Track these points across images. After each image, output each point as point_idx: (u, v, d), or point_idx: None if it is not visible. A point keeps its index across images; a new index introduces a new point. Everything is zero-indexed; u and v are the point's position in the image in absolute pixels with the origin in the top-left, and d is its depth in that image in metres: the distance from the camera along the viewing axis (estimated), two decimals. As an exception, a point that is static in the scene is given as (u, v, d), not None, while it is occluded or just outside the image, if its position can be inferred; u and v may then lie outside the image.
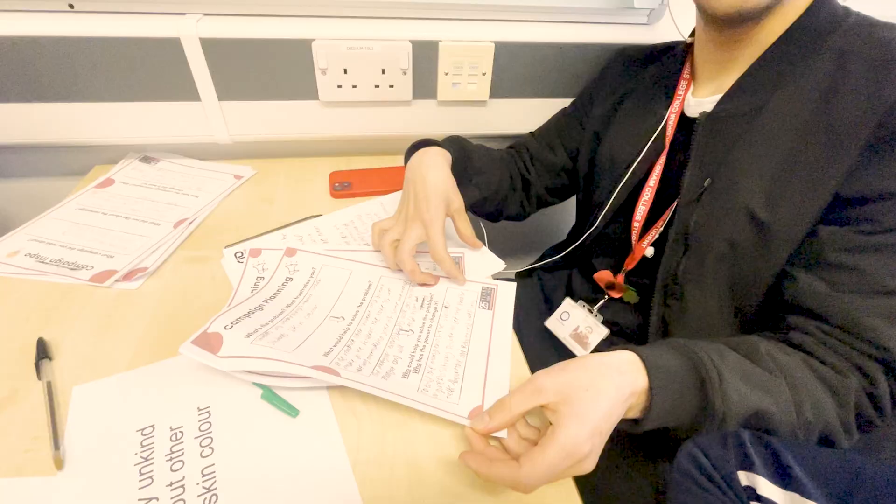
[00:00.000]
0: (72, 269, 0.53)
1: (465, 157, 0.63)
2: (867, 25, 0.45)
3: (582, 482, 0.38)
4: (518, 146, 0.72)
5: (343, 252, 0.58)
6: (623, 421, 0.38)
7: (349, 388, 0.40)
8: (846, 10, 0.47)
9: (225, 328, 0.42)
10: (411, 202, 0.55)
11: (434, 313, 0.52)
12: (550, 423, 0.35)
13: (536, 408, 0.36)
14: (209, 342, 0.41)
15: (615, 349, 0.40)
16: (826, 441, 0.42)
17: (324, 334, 0.46)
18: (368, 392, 0.39)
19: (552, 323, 0.64)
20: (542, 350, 0.64)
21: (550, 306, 0.67)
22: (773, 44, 0.47)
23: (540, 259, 0.75)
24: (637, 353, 0.39)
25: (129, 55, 0.63)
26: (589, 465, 0.35)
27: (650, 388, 0.37)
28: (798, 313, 0.44)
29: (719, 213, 0.48)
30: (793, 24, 0.46)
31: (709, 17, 0.48)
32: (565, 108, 0.71)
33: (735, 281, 0.49)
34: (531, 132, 0.73)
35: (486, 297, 0.55)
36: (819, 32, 0.46)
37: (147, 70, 0.64)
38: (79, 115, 0.67)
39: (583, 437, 0.33)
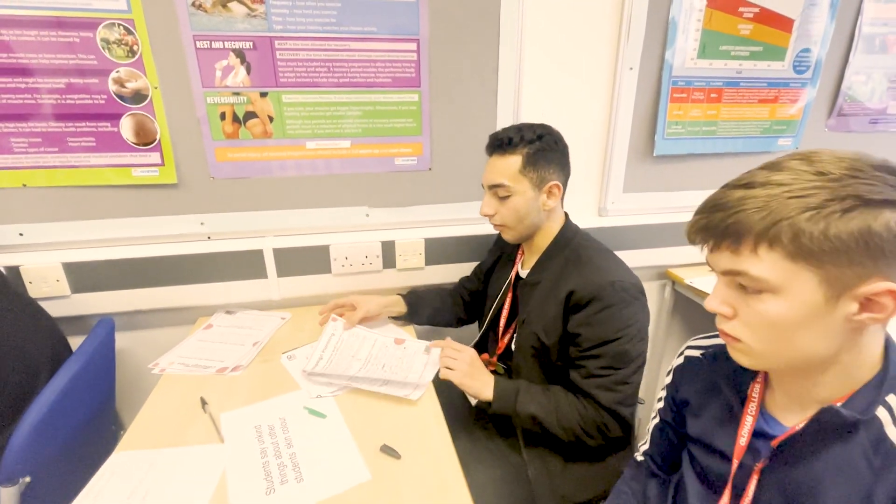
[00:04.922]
0: (204, 367, 1.02)
1: (416, 297, 1.19)
2: (578, 244, 1.00)
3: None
4: (465, 277, 1.30)
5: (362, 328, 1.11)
6: (484, 403, 0.87)
7: (353, 393, 0.88)
8: (576, 231, 1.04)
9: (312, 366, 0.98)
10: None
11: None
12: None
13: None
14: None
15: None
16: (580, 441, 0.88)
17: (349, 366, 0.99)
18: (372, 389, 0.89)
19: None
20: (462, 398, 1.11)
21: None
22: (544, 250, 1.03)
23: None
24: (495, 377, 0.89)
25: (233, 259, 1.21)
26: (466, 369, 0.89)
27: (495, 386, 0.87)
28: (573, 388, 0.92)
29: (528, 334, 0.99)
30: (552, 240, 1.02)
31: None
32: (481, 262, 1.28)
33: (543, 370, 0.98)
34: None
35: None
36: (561, 246, 1.01)
37: (239, 265, 1.22)
38: (196, 291, 1.22)
39: (471, 361, 0.88)
